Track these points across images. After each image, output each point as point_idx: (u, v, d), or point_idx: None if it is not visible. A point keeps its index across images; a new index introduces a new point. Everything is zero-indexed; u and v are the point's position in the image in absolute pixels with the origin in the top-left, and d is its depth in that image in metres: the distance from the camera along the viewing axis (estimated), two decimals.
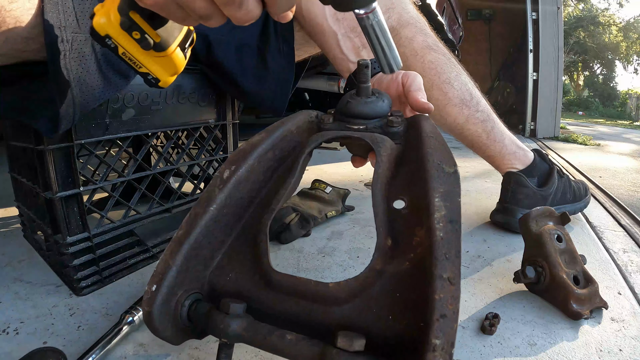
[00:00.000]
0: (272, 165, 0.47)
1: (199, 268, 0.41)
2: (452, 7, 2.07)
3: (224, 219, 0.42)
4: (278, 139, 0.47)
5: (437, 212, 0.33)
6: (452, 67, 0.78)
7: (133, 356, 0.45)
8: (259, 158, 0.45)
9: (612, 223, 0.96)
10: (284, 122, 0.48)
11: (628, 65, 21.15)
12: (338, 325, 0.35)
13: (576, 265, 0.57)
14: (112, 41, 0.35)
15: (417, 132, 0.42)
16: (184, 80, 0.67)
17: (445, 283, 0.29)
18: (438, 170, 0.36)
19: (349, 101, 0.46)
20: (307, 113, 0.50)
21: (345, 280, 0.36)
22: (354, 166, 0.56)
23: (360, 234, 0.82)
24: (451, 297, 0.29)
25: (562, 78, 3.03)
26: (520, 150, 0.85)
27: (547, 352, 0.47)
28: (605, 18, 19.98)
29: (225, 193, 0.42)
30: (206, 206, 0.41)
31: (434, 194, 0.34)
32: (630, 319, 0.53)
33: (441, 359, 0.27)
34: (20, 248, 0.73)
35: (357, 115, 0.46)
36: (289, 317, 0.38)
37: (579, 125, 6.26)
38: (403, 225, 0.38)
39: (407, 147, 0.44)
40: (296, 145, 0.48)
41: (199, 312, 0.39)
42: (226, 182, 0.42)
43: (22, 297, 0.57)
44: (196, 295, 0.41)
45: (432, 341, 0.27)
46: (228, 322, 0.36)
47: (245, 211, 0.44)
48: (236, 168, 0.43)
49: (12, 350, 0.45)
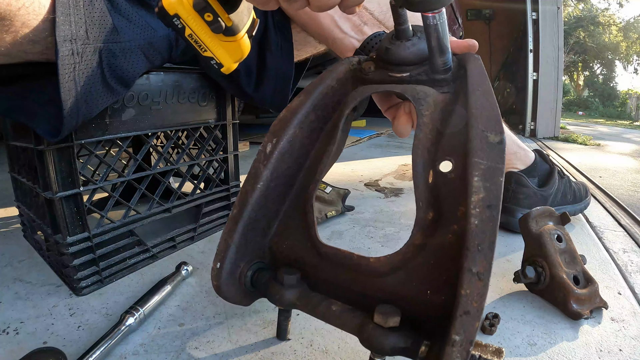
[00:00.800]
0: (317, 127, 0.44)
1: (258, 239, 0.44)
2: (452, 7, 2.07)
3: (273, 192, 0.43)
4: (318, 99, 0.44)
5: (475, 194, 0.29)
6: None
7: (133, 356, 0.45)
8: (300, 124, 0.43)
9: (612, 223, 0.96)
10: (323, 77, 0.44)
11: (628, 65, 21.15)
12: (379, 297, 0.36)
13: (576, 265, 0.57)
14: (181, 21, 0.34)
15: (464, 81, 0.37)
16: (184, 80, 0.67)
17: (473, 278, 0.28)
18: (481, 141, 0.31)
19: (387, 47, 0.41)
20: (348, 61, 0.46)
21: (386, 256, 0.36)
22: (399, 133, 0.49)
23: (360, 234, 0.82)
24: (477, 294, 0.27)
25: (562, 78, 3.03)
26: (521, 150, 0.85)
27: (547, 352, 0.47)
28: (605, 18, 19.97)
29: (269, 169, 0.42)
30: (254, 183, 0.42)
31: (473, 172, 0.30)
32: (630, 319, 0.53)
33: (459, 354, 0.27)
34: (20, 248, 0.73)
35: (399, 61, 0.40)
36: (336, 286, 0.40)
37: (579, 125, 6.26)
38: (449, 194, 0.34)
39: (457, 96, 0.38)
40: (340, 99, 0.45)
41: (259, 281, 0.44)
42: (269, 157, 0.42)
43: (22, 297, 0.57)
44: (258, 264, 0.45)
45: (452, 337, 0.27)
46: (283, 292, 0.40)
47: (295, 177, 0.44)
48: (277, 141, 0.42)
49: (12, 350, 0.45)
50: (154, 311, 0.53)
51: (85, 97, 0.45)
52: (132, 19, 0.48)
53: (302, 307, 0.40)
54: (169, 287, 0.56)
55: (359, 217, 0.93)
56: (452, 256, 0.33)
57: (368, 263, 0.37)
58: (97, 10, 0.44)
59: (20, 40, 0.40)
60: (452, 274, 0.33)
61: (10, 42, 0.39)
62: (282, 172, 0.43)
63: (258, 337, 0.48)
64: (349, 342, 0.48)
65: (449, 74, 0.39)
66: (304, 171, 0.45)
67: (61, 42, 0.41)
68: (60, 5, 0.40)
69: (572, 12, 19.68)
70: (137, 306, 0.49)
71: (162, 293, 0.54)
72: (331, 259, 0.40)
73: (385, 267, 0.37)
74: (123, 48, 0.47)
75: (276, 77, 0.71)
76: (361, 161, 1.65)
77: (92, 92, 0.46)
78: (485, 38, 4.06)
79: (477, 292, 0.27)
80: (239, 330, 0.50)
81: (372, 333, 0.33)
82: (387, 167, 1.52)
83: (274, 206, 0.44)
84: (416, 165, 0.36)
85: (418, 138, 0.37)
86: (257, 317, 0.52)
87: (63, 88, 0.43)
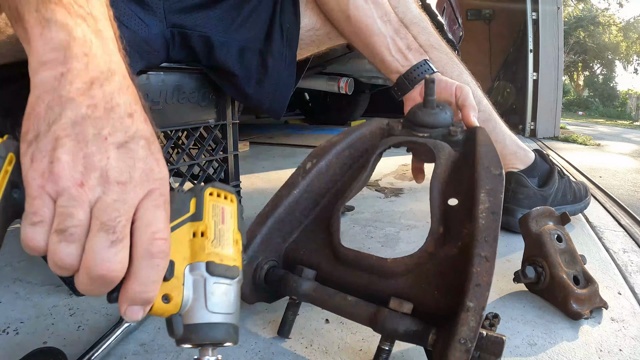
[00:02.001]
0: (347, 162, 0.55)
1: (279, 241, 0.50)
2: (452, 7, 2.07)
3: (303, 203, 0.51)
4: (354, 140, 0.56)
5: (482, 204, 0.40)
6: (454, 67, 0.78)
7: (133, 356, 0.45)
8: (337, 155, 0.54)
9: (612, 223, 0.96)
10: (359, 127, 0.57)
11: (628, 65, 21.15)
12: (392, 294, 0.41)
13: (576, 265, 0.57)
14: None
15: (473, 143, 0.50)
16: (184, 80, 0.67)
17: (482, 260, 0.36)
18: (486, 172, 0.43)
19: (416, 111, 0.54)
20: (380, 121, 0.58)
21: (402, 257, 0.44)
22: (415, 178, 0.66)
23: (360, 234, 0.82)
24: (485, 272, 0.35)
25: (562, 78, 3.03)
26: (521, 150, 0.85)
27: (547, 352, 0.47)
28: (605, 18, 19.98)
29: (307, 181, 0.51)
30: (290, 190, 0.50)
31: (481, 191, 0.41)
32: (630, 319, 0.53)
33: (473, 318, 0.33)
34: (20, 248, 0.73)
35: (423, 124, 0.53)
36: (351, 286, 0.44)
37: (579, 125, 6.26)
38: (455, 218, 0.45)
39: (464, 155, 0.51)
40: (368, 148, 0.56)
41: (275, 275, 0.47)
42: (308, 172, 0.51)
43: (22, 297, 0.57)
44: (273, 263, 0.49)
45: (466, 303, 0.34)
46: (300, 282, 0.44)
47: (321, 199, 0.53)
48: (317, 161, 0.52)
49: (12, 350, 0.45)
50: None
51: None
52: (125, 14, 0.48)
53: (316, 298, 0.43)
54: None
55: (359, 217, 0.93)
56: (456, 268, 0.40)
57: (385, 264, 0.44)
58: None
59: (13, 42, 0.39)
60: (456, 282, 0.38)
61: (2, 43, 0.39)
62: (314, 189, 0.52)
63: (258, 338, 0.48)
64: (349, 342, 0.48)
65: (460, 139, 0.53)
66: (330, 195, 0.54)
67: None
68: None
69: (572, 12, 19.68)
70: None
71: None
72: (351, 260, 0.47)
73: (400, 267, 0.43)
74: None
75: (276, 84, 0.71)
76: None
77: None
78: (485, 38, 4.06)
79: (485, 270, 0.35)
80: (239, 330, 0.50)
81: (387, 316, 0.38)
82: (387, 167, 1.52)
83: (299, 216, 0.52)
84: (433, 192, 0.46)
85: (436, 173, 0.48)
86: (257, 317, 0.52)
87: None
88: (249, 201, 1.01)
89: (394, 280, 0.42)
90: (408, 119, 0.55)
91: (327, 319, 0.52)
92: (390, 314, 0.38)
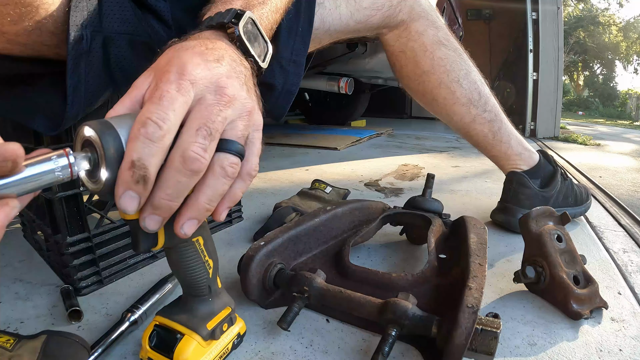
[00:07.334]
0: (354, 222, 0.69)
1: (291, 255, 0.58)
2: (452, 7, 2.07)
3: (319, 233, 0.63)
4: (362, 207, 0.71)
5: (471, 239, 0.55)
6: (462, 64, 0.77)
7: (133, 356, 0.45)
8: (349, 210, 0.68)
9: (612, 223, 0.96)
10: (371, 202, 0.73)
11: (628, 65, 21.16)
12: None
13: (576, 265, 0.57)
14: None
15: (462, 226, 0.61)
16: None
17: (476, 264, 0.48)
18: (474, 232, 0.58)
19: (416, 198, 0.72)
20: (384, 204, 0.75)
21: (405, 273, 0.55)
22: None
23: None
24: (480, 269, 0.47)
25: (562, 78, 3.03)
26: (526, 152, 0.84)
27: (547, 352, 0.47)
28: (605, 18, 19.98)
29: (326, 216, 0.64)
30: (312, 217, 0.62)
31: (471, 235, 0.56)
32: (630, 319, 0.53)
33: (475, 294, 0.41)
34: (20, 248, 0.73)
35: (420, 208, 0.70)
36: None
37: (579, 125, 6.25)
38: (446, 263, 0.57)
39: (451, 234, 0.66)
40: (371, 218, 0.70)
41: (285, 276, 0.52)
42: (327, 212, 0.65)
43: (22, 297, 0.57)
44: (283, 266, 0.54)
45: (468, 284, 0.43)
46: (314, 277, 0.49)
47: (330, 240, 0.65)
48: (335, 207, 0.66)
49: None
50: (154, 310, 0.53)
51: (90, 82, 0.45)
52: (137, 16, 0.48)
53: (328, 291, 0.48)
54: (170, 285, 0.56)
55: None
56: (446, 294, 0.51)
57: (390, 277, 0.54)
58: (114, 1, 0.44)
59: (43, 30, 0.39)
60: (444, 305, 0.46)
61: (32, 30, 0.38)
62: (329, 226, 0.64)
63: (258, 337, 0.48)
64: (349, 342, 0.48)
65: (449, 222, 0.68)
66: (336, 241, 0.65)
67: (73, 26, 0.41)
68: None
69: (572, 12, 19.68)
70: (138, 304, 0.49)
71: (162, 292, 0.54)
72: (358, 276, 0.56)
73: (403, 281, 0.53)
74: (130, 40, 0.47)
75: (280, 91, 0.70)
76: (361, 161, 1.65)
77: (96, 79, 0.46)
78: (485, 38, 4.05)
79: (479, 269, 0.47)
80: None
81: (395, 303, 0.43)
82: (387, 167, 1.52)
83: (312, 243, 0.62)
84: (429, 245, 0.59)
85: (432, 231, 0.62)
86: (257, 317, 0.52)
87: (70, 72, 0.42)
88: (249, 201, 1.01)
89: (394, 294, 0.46)
90: (409, 202, 0.72)
91: (327, 319, 0.52)
92: (398, 301, 0.43)
